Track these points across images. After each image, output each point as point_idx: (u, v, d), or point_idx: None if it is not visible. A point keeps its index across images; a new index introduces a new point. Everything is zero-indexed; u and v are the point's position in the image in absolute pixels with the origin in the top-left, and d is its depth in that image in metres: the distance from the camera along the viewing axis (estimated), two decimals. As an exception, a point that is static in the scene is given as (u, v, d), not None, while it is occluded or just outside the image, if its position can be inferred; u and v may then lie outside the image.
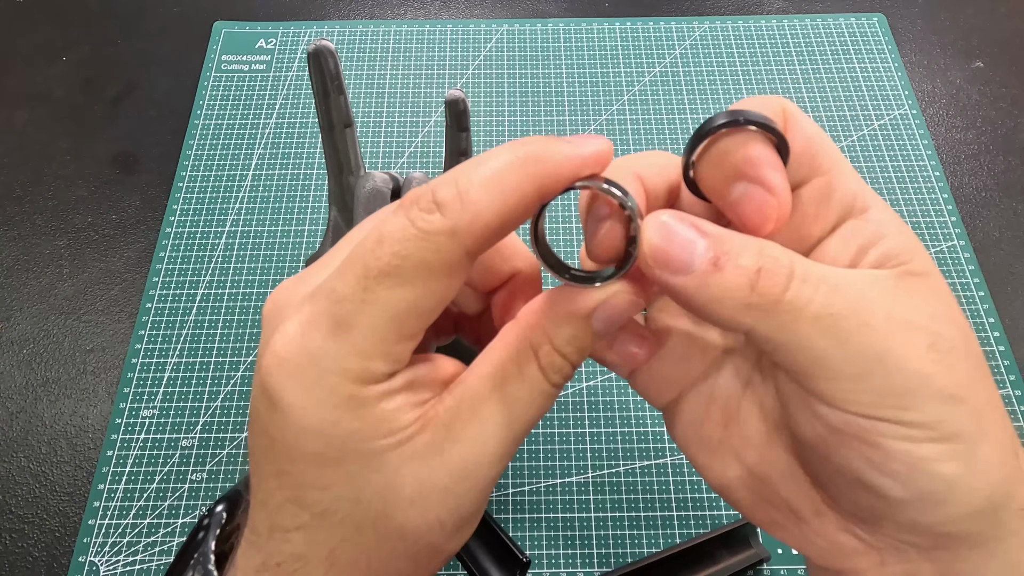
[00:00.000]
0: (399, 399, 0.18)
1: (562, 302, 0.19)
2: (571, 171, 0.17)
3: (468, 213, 0.17)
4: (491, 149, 0.18)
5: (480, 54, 0.56)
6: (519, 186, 0.17)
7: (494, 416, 0.18)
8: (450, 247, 0.17)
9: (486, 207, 0.17)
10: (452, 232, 0.17)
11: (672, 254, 0.17)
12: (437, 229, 0.17)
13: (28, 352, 0.44)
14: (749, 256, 0.16)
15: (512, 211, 0.17)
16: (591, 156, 0.18)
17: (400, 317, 0.17)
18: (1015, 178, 0.51)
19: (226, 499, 0.22)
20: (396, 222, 0.17)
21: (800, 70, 0.55)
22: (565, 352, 0.19)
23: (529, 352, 0.19)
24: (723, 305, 0.16)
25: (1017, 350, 0.43)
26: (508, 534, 0.33)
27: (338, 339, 0.17)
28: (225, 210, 0.49)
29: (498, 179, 0.17)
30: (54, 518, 0.39)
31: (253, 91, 0.54)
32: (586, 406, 0.42)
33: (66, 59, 0.57)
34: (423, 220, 0.17)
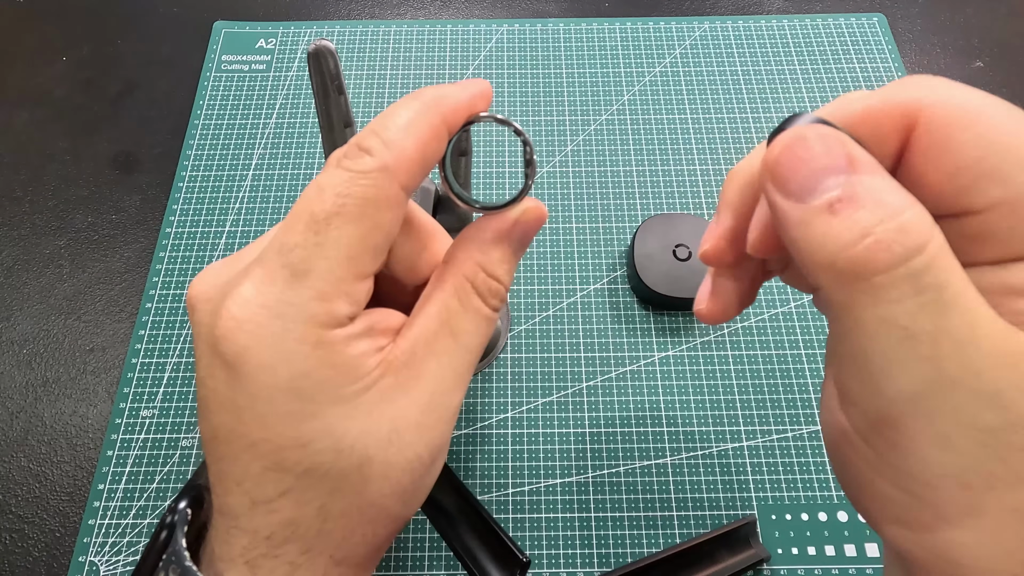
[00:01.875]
0: (362, 344, 0.18)
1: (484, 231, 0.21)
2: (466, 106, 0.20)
3: (393, 152, 0.18)
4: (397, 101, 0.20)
5: (480, 54, 0.56)
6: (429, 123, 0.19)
7: (447, 349, 0.20)
8: (385, 181, 0.18)
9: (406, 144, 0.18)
10: (383, 168, 0.18)
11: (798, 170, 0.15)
12: (370, 168, 0.18)
13: (28, 352, 0.44)
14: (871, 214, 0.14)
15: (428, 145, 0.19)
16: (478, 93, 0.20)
17: (354, 254, 0.18)
18: (1015, 178, 0.51)
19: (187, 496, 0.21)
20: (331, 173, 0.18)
21: (800, 70, 0.55)
22: (498, 275, 0.21)
23: (467, 285, 0.20)
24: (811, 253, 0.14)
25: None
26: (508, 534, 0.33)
27: (297, 286, 0.17)
28: (225, 210, 0.49)
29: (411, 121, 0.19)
30: (54, 518, 0.39)
31: (253, 91, 0.54)
32: (586, 406, 0.42)
33: (66, 59, 0.57)
34: (356, 164, 0.18)
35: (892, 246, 0.13)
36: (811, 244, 0.14)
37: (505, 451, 0.40)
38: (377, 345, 0.19)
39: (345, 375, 0.18)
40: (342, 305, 0.18)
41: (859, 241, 0.14)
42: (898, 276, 0.13)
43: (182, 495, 0.21)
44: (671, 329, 0.44)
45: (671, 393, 0.42)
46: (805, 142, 0.15)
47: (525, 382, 0.42)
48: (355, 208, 0.18)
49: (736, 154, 0.51)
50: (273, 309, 0.17)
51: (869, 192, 0.14)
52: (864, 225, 0.14)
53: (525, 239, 0.21)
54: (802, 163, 0.15)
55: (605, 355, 0.43)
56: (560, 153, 0.51)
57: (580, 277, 0.46)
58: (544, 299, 0.45)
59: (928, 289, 0.13)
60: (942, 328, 0.13)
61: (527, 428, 0.41)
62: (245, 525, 0.18)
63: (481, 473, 0.40)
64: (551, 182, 0.50)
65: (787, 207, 0.15)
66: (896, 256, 0.13)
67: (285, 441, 0.18)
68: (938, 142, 0.15)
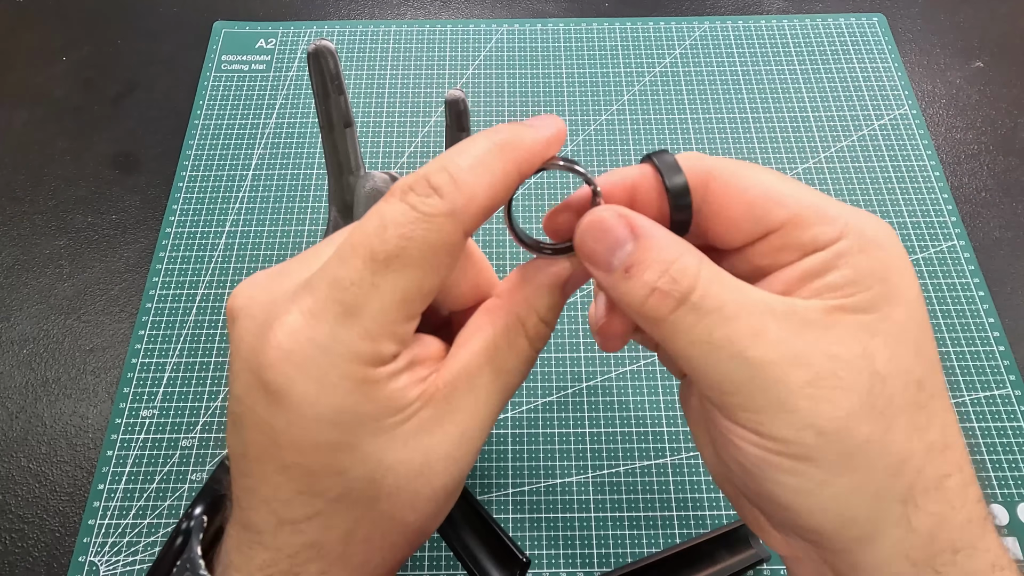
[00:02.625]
0: (404, 378, 0.19)
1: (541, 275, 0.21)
2: (540, 152, 0.20)
3: (463, 195, 0.18)
4: (468, 138, 0.19)
5: (480, 54, 0.56)
6: (503, 168, 0.19)
7: (487, 386, 0.20)
8: (450, 227, 0.18)
9: (477, 189, 0.18)
10: (451, 213, 0.18)
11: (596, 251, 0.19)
12: (438, 211, 0.18)
13: (28, 352, 0.44)
14: (653, 273, 0.18)
15: (499, 191, 0.19)
16: (553, 137, 0.20)
17: (407, 297, 0.18)
18: (1015, 178, 0.51)
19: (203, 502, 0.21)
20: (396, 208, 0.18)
21: (800, 70, 0.55)
22: (548, 319, 0.21)
23: (518, 326, 0.20)
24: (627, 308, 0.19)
25: (1017, 350, 0.43)
26: (508, 534, 0.33)
27: (348, 325, 0.17)
28: (225, 210, 0.49)
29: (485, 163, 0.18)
30: (54, 518, 0.39)
31: (253, 91, 0.54)
32: (586, 406, 0.42)
33: (66, 59, 0.57)
34: (424, 204, 0.18)
35: (671, 293, 0.18)
36: (623, 301, 0.19)
37: (505, 451, 0.40)
38: (418, 377, 0.19)
39: (386, 409, 0.18)
40: (389, 345, 0.18)
41: (649, 295, 0.18)
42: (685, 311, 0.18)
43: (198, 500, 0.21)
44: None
45: (671, 393, 0.42)
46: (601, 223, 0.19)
47: (525, 382, 0.42)
48: (417, 253, 0.17)
49: (736, 154, 0.51)
50: (321, 344, 0.17)
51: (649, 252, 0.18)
52: (647, 282, 0.18)
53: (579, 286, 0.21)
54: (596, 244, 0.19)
55: (605, 355, 0.43)
56: (560, 153, 0.51)
57: (580, 277, 0.46)
58: (544, 299, 0.45)
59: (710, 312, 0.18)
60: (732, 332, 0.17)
61: (527, 428, 0.41)
62: (269, 542, 0.19)
63: (481, 473, 0.40)
64: (551, 182, 0.50)
65: (600, 276, 0.19)
66: (675, 299, 0.18)
67: (320, 468, 0.18)
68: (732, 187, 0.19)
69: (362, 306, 0.17)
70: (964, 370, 0.43)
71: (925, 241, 0.47)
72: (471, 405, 0.20)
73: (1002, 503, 0.39)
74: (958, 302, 0.45)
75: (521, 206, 0.49)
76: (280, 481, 0.18)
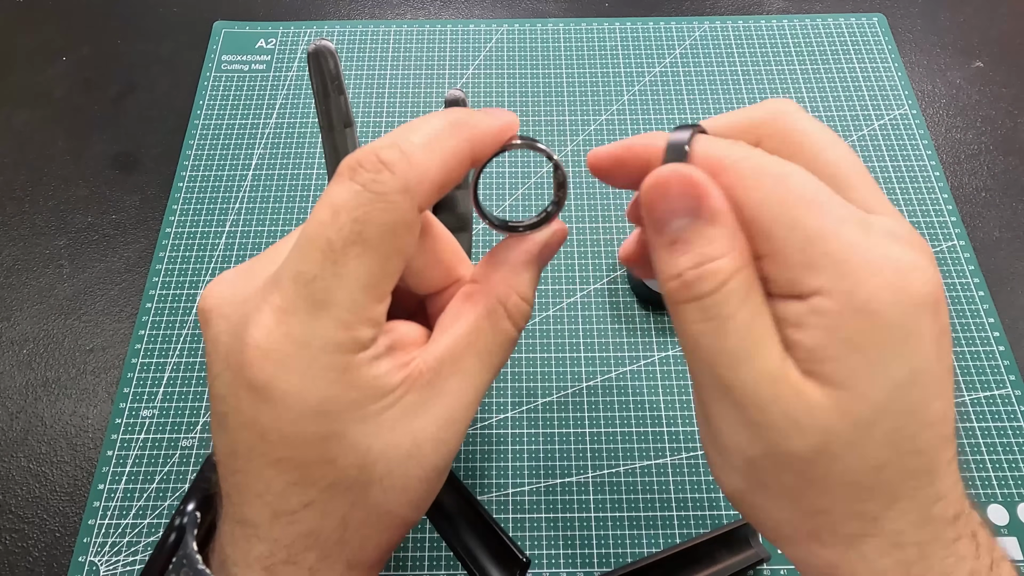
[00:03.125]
0: (385, 363, 0.19)
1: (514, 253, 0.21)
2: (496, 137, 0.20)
3: (416, 171, 0.18)
4: (421, 116, 0.19)
5: (480, 54, 0.56)
6: (455, 147, 0.19)
7: (472, 368, 0.20)
8: (405, 204, 0.18)
9: (430, 165, 0.18)
10: (404, 189, 0.17)
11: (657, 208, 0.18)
12: (391, 188, 0.17)
13: (28, 352, 0.44)
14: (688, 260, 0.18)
15: (451, 169, 0.19)
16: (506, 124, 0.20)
17: (372, 281, 0.18)
18: (1015, 178, 0.51)
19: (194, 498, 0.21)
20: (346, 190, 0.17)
21: (800, 70, 0.55)
22: (527, 296, 0.21)
23: (500, 308, 0.21)
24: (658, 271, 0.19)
25: (1017, 350, 0.43)
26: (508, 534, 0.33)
27: (320, 317, 0.17)
28: (225, 210, 0.49)
29: (437, 140, 0.18)
30: (54, 518, 0.39)
31: (253, 91, 0.54)
32: (586, 406, 0.41)
33: (66, 59, 0.57)
34: (375, 183, 0.17)
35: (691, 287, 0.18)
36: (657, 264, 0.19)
37: (505, 451, 0.40)
38: (400, 362, 0.19)
39: (370, 395, 0.18)
40: (364, 330, 0.18)
41: (675, 277, 0.18)
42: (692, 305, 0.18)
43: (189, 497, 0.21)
44: (671, 329, 0.44)
45: (671, 393, 0.42)
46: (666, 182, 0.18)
47: (525, 382, 0.42)
48: (374, 235, 0.17)
49: (736, 154, 0.51)
50: (298, 339, 0.17)
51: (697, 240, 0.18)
52: (680, 267, 0.18)
53: (549, 258, 0.22)
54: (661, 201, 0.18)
55: (605, 355, 0.43)
56: (560, 153, 0.51)
57: (580, 277, 0.46)
58: (544, 299, 0.45)
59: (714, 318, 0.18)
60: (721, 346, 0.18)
61: (527, 428, 0.41)
62: (264, 534, 0.19)
63: (481, 473, 0.40)
64: (551, 182, 0.50)
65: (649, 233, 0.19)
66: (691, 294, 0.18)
67: (310, 459, 0.18)
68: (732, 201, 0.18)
69: (330, 297, 0.17)
70: (964, 370, 0.43)
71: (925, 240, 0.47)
72: (456, 388, 0.20)
73: (1002, 503, 0.39)
74: (958, 302, 0.45)
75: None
76: (272, 475, 0.18)
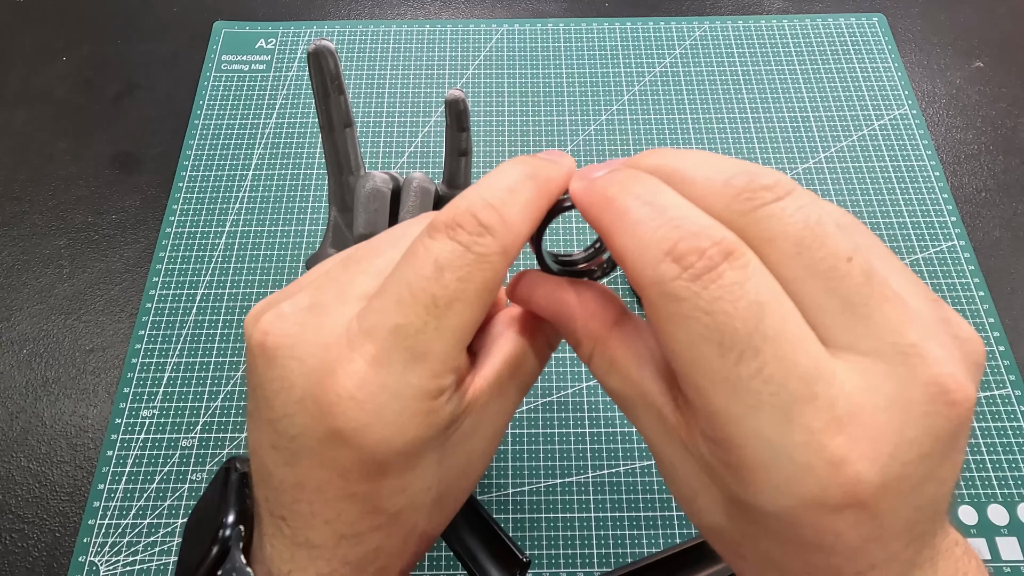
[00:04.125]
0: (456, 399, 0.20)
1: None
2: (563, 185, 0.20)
3: (511, 233, 0.18)
4: (500, 167, 0.19)
5: (480, 54, 0.56)
6: (539, 205, 0.19)
7: (511, 389, 0.22)
8: (502, 265, 0.19)
9: (524, 226, 0.19)
10: (503, 252, 0.18)
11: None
12: (492, 251, 0.18)
13: (28, 352, 0.44)
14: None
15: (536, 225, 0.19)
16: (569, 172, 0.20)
17: (466, 334, 0.19)
18: (1015, 178, 0.51)
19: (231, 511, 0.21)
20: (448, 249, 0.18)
21: (800, 70, 0.55)
22: None
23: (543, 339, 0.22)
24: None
25: (1017, 350, 0.43)
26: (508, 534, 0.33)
27: (416, 369, 0.18)
28: (225, 210, 0.49)
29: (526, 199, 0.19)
30: (54, 518, 0.39)
31: (253, 91, 0.54)
32: (586, 406, 0.41)
33: (66, 59, 0.57)
34: (478, 245, 0.18)
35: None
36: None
37: (505, 451, 0.40)
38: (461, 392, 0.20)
39: (445, 431, 0.20)
40: (449, 377, 0.19)
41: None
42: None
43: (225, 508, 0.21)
44: (671, 329, 0.44)
45: (671, 393, 0.42)
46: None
47: (525, 382, 0.42)
48: (473, 293, 0.18)
49: (735, 154, 0.51)
50: (392, 390, 0.18)
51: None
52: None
53: None
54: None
55: (605, 355, 0.43)
56: (560, 153, 0.51)
57: (580, 277, 0.46)
58: (544, 299, 0.45)
59: None
60: None
61: (527, 428, 0.41)
62: (328, 555, 0.20)
63: (481, 473, 0.40)
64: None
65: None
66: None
67: (385, 492, 0.19)
68: None
69: (428, 350, 0.18)
70: (964, 370, 0.43)
71: (925, 241, 0.47)
72: (500, 407, 0.21)
73: (1002, 503, 0.39)
74: (958, 302, 0.45)
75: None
76: (345, 507, 0.19)
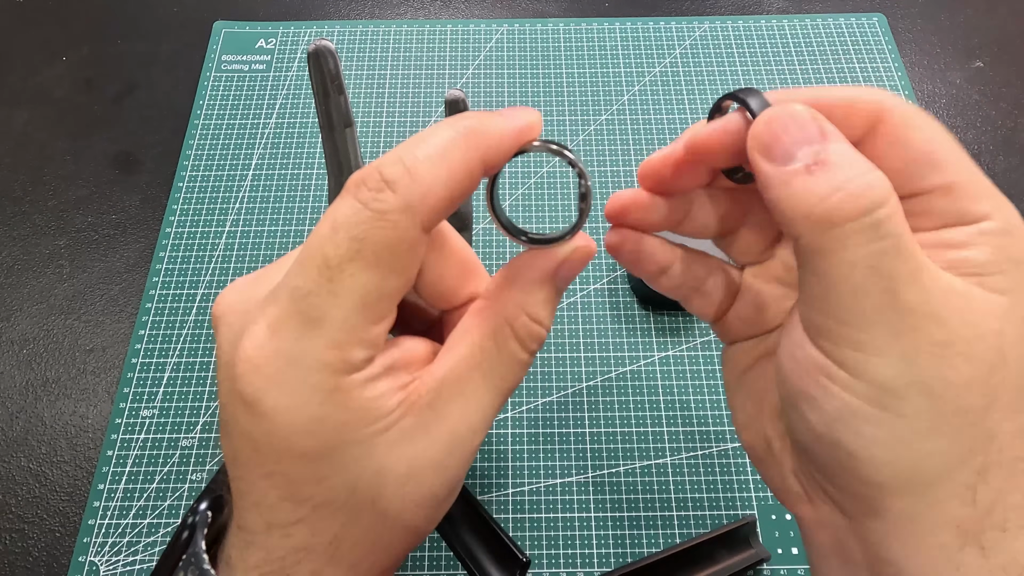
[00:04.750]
0: (381, 385, 0.18)
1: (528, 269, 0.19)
2: (511, 143, 0.18)
3: (419, 188, 0.17)
4: (430, 126, 0.18)
5: (480, 54, 0.56)
6: (464, 158, 0.17)
7: (477, 391, 0.19)
8: (406, 223, 0.17)
9: (435, 180, 0.17)
10: (405, 208, 0.17)
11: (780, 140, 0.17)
12: (391, 207, 0.17)
13: (28, 352, 0.44)
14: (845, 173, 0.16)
15: (460, 183, 0.18)
16: (526, 127, 0.18)
17: (369, 301, 0.17)
18: (1015, 178, 0.51)
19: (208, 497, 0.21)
20: (347, 206, 0.17)
21: (800, 70, 0.55)
22: (540, 317, 0.20)
23: (506, 327, 0.19)
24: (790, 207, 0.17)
25: (1017, 350, 0.43)
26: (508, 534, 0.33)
27: (311, 335, 0.17)
28: (225, 210, 0.49)
29: (443, 153, 0.17)
30: (54, 518, 0.39)
31: (253, 91, 0.54)
32: (586, 406, 0.42)
33: (66, 59, 0.57)
34: (375, 200, 0.17)
35: (859, 198, 0.16)
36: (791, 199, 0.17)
37: (505, 451, 0.40)
38: (399, 383, 0.18)
39: (361, 419, 0.18)
40: (357, 351, 0.17)
41: (832, 194, 0.16)
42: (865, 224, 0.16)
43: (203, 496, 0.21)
44: (671, 329, 0.44)
45: (671, 393, 0.42)
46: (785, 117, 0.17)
47: (525, 382, 0.42)
48: (371, 254, 0.17)
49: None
50: (288, 356, 0.17)
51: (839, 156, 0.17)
52: (836, 182, 0.16)
53: (568, 280, 0.20)
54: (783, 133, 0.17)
55: (605, 355, 0.43)
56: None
57: (580, 277, 0.46)
58: (544, 299, 0.45)
59: (888, 236, 0.16)
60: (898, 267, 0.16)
61: (527, 428, 0.41)
62: (260, 543, 0.19)
63: (481, 473, 0.40)
64: (551, 182, 0.50)
65: (770, 170, 0.17)
66: (862, 207, 0.16)
67: (300, 476, 0.18)
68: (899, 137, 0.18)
69: (323, 315, 0.17)
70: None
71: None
72: (460, 411, 0.19)
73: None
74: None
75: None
76: (265, 487, 0.18)
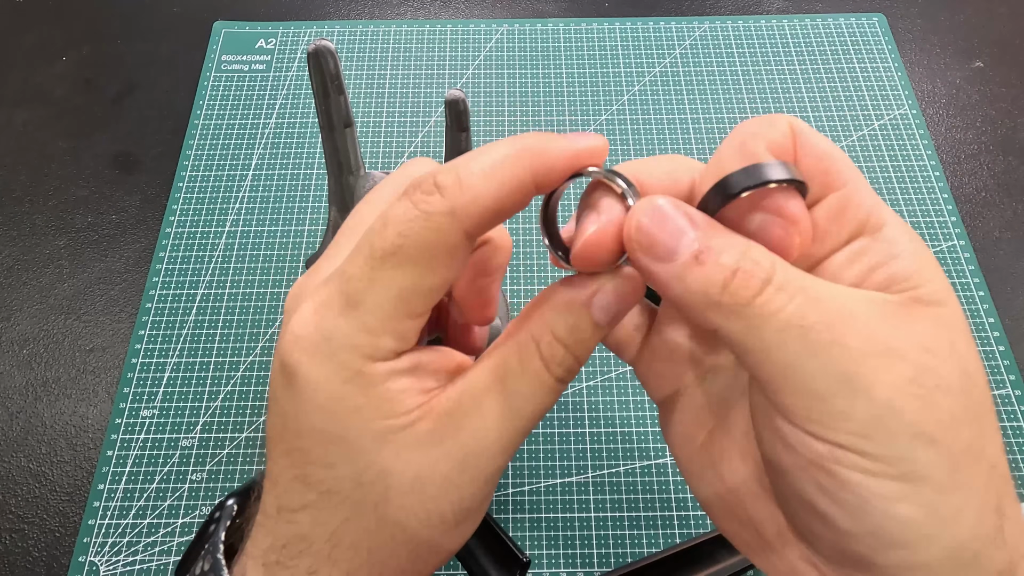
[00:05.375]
0: (404, 381, 0.18)
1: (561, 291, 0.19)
2: (566, 164, 0.18)
3: (466, 195, 0.17)
4: (492, 142, 0.18)
5: (480, 54, 0.56)
6: (513, 174, 0.18)
7: (495, 409, 0.18)
8: (449, 227, 0.17)
9: (482, 191, 0.17)
10: (450, 212, 0.17)
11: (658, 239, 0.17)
12: (437, 210, 0.17)
13: (28, 352, 0.44)
14: (731, 255, 0.16)
15: (508, 197, 0.18)
16: (585, 150, 0.18)
17: (405, 295, 0.18)
18: (1015, 178, 0.51)
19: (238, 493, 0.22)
20: (400, 205, 0.18)
21: (800, 70, 0.55)
22: (567, 343, 0.19)
23: (531, 344, 0.19)
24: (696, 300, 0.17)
25: (1017, 350, 0.43)
26: (508, 534, 0.33)
27: (348, 316, 0.18)
28: (225, 210, 0.49)
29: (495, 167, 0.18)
30: (54, 518, 0.39)
31: (253, 91, 0.54)
32: (586, 406, 0.42)
33: (66, 59, 0.57)
34: (424, 202, 0.18)
35: (755, 272, 0.16)
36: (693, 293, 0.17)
37: (505, 451, 0.40)
38: (423, 386, 0.19)
39: (378, 408, 0.18)
40: (388, 340, 0.18)
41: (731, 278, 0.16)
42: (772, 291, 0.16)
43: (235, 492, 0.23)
44: (671, 329, 0.44)
45: (671, 393, 0.42)
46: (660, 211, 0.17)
47: (525, 382, 0.42)
48: (412, 250, 0.17)
49: (736, 154, 0.51)
50: (325, 331, 0.18)
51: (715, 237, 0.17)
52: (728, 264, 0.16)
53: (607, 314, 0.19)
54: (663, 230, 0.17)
55: (605, 355, 0.43)
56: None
57: (580, 277, 0.46)
58: (544, 299, 0.45)
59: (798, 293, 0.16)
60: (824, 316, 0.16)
61: (527, 428, 0.41)
62: (271, 527, 0.19)
63: (481, 473, 0.40)
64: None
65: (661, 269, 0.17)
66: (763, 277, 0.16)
67: (313, 457, 0.18)
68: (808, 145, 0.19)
69: (361, 299, 0.18)
70: (964, 370, 0.43)
71: (925, 241, 0.47)
72: (475, 428, 0.18)
73: (1002, 503, 0.39)
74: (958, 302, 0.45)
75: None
76: (284, 465, 0.19)
